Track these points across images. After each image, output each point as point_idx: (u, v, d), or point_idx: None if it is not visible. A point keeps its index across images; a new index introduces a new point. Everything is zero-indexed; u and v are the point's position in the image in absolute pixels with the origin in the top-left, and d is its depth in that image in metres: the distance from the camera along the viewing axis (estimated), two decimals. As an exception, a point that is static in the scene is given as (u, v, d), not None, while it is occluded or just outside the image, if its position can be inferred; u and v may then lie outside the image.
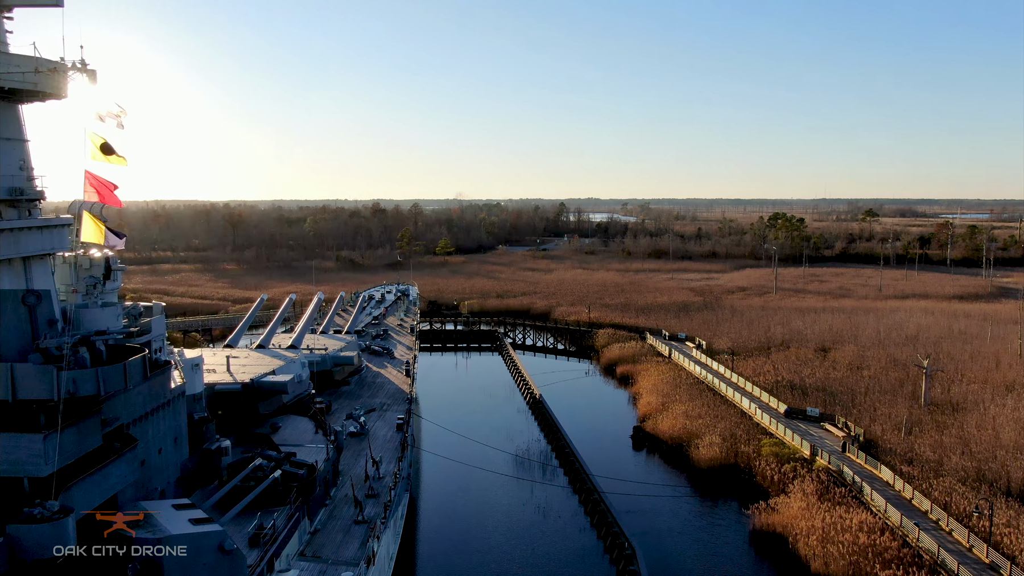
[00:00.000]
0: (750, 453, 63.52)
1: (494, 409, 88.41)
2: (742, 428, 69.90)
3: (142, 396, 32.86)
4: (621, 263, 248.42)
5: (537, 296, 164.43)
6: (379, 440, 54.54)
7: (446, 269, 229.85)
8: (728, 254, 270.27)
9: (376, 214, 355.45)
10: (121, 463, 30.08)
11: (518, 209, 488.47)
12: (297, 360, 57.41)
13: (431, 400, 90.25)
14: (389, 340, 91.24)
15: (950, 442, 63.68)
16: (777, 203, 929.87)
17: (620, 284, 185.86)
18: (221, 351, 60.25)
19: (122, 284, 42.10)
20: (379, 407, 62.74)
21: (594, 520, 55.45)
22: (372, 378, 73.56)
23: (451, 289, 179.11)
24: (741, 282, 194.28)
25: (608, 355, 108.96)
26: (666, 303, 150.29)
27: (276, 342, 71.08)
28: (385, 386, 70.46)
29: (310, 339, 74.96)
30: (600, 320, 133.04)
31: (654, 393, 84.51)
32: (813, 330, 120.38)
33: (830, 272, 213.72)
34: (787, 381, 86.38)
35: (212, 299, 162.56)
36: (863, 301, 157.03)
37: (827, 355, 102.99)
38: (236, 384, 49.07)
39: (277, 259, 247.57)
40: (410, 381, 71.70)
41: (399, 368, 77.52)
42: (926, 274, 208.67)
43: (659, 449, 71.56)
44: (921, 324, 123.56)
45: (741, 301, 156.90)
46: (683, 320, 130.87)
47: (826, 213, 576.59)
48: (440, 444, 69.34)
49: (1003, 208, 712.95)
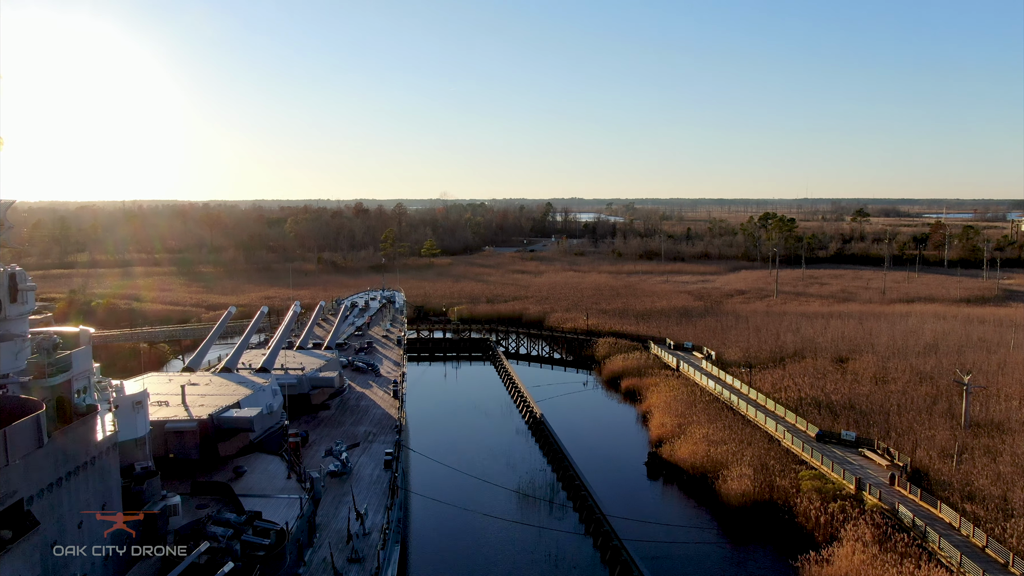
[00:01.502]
0: (787, 488, 55.93)
1: (491, 431, 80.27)
2: (772, 456, 62.34)
3: (50, 460, 24.72)
4: (612, 265, 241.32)
5: (529, 301, 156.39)
6: (364, 481, 46.43)
7: (432, 271, 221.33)
8: (721, 255, 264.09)
9: (359, 214, 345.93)
10: (13, 557, 22.03)
11: (503, 209, 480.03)
12: (268, 387, 49.10)
13: (421, 420, 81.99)
14: (374, 354, 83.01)
15: (1008, 472, 56.61)
16: (759, 203, 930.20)
17: (614, 287, 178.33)
18: (178, 376, 51.81)
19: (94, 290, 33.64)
20: (364, 437, 54.57)
21: (615, 572, 47.62)
22: (356, 400, 65.34)
23: (438, 294, 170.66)
24: (739, 285, 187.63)
25: (611, 367, 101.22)
26: (665, 308, 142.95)
27: (246, 360, 62.79)
28: (370, 411, 62.26)
29: (285, 356, 66.66)
30: (598, 327, 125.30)
31: (667, 412, 76.84)
32: (825, 338, 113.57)
33: (828, 274, 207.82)
34: (811, 398, 79.11)
35: (184, 305, 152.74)
36: (869, 305, 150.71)
37: (845, 366, 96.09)
38: (191, 421, 40.80)
39: (255, 262, 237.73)
40: (398, 404, 63.55)
41: (386, 388, 69.35)
42: (927, 276, 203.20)
43: (678, 479, 63.86)
44: (936, 331, 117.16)
45: (743, 306, 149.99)
46: (686, 327, 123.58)
47: (811, 213, 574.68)
48: (434, 482, 61.18)
49: (984, 207, 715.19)
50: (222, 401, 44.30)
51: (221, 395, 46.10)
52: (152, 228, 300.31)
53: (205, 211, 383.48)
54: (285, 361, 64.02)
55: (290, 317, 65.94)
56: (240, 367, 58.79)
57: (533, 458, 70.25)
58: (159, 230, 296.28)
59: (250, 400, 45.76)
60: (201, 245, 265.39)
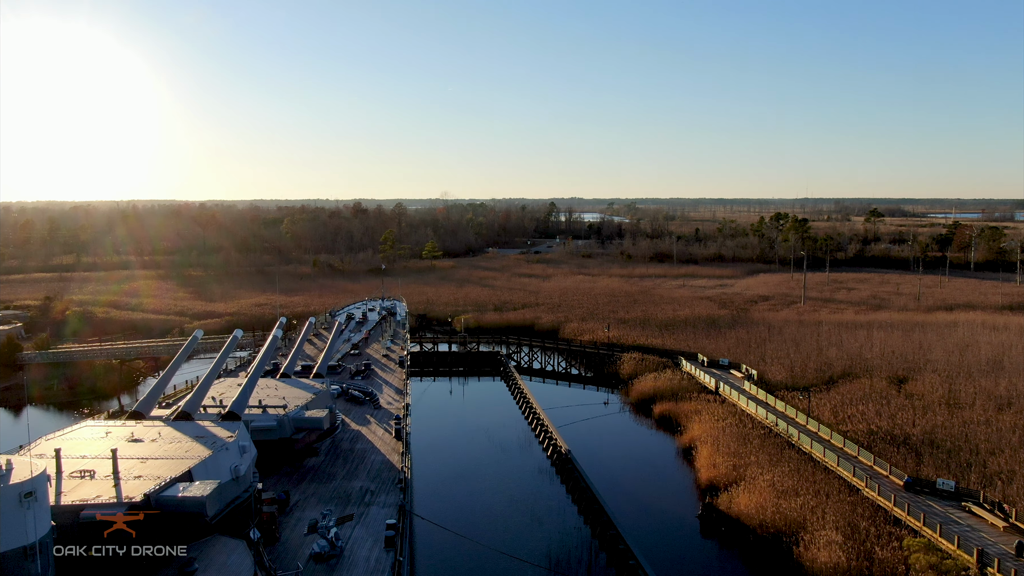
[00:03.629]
0: (891, 561, 44.70)
1: (510, 471, 68.60)
2: (860, 512, 51.12)
3: None
4: (622, 268, 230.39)
5: (541, 309, 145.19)
6: (359, 568, 35.31)
7: (434, 275, 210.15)
8: (735, 257, 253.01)
9: (357, 214, 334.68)
10: None
11: (506, 209, 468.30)
12: (234, 443, 37.78)
13: (428, 459, 70.68)
14: (373, 379, 71.78)
15: None
16: (760, 202, 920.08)
17: (630, 293, 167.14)
18: (120, 426, 40.57)
19: (67, 296, 22.69)
20: (359, 498, 43.37)
21: None
22: (350, 442, 54.07)
23: (442, 300, 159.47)
24: (760, 290, 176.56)
25: (640, 388, 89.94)
26: (689, 317, 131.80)
27: (217, 393, 51.66)
28: (368, 457, 50.98)
29: (265, 388, 55.45)
30: (620, 339, 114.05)
31: (716, 448, 65.60)
32: (872, 352, 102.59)
33: (852, 278, 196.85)
34: (883, 431, 67.95)
35: (167, 314, 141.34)
36: (905, 313, 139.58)
37: (904, 388, 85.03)
38: (118, 506, 29.60)
39: (248, 265, 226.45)
40: (402, 448, 52.29)
41: (386, 424, 58.12)
42: (957, 280, 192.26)
43: (742, 540, 52.59)
44: (994, 343, 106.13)
45: (771, 314, 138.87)
46: (715, 339, 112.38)
47: (814, 213, 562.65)
48: (447, 557, 50.03)
49: (987, 207, 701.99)
50: (167, 470, 33.12)
51: (169, 459, 34.91)
52: (145, 229, 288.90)
53: (201, 211, 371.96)
54: (264, 395, 52.84)
55: (269, 344, 54.55)
56: (208, 405, 47.61)
57: (563, 509, 59.01)
58: (152, 231, 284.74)
59: (207, 466, 34.52)
60: (192, 247, 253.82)
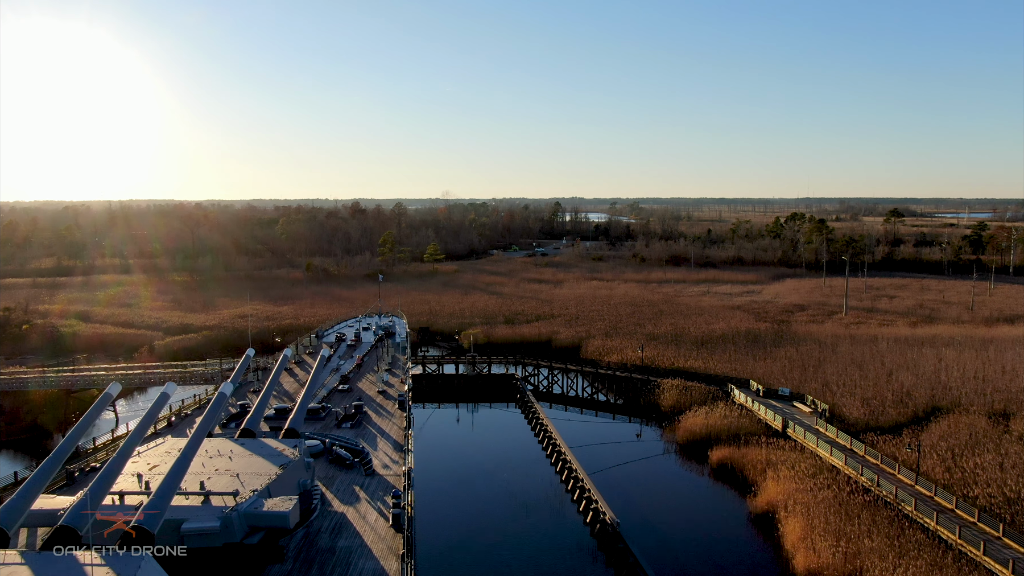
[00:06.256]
0: None
1: (542, 549, 53.69)
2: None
3: None
4: (637, 271, 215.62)
5: (558, 321, 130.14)
6: None
7: (436, 280, 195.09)
8: (755, 260, 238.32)
9: (356, 215, 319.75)
10: None
11: (509, 209, 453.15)
12: None
13: (436, 536, 55.76)
14: (365, 427, 56.75)
15: None
16: (762, 202, 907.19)
17: (652, 302, 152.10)
18: None
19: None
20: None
21: None
22: (330, 536, 38.85)
23: (446, 311, 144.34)
24: (792, 297, 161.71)
25: (689, 426, 74.73)
26: (725, 331, 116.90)
27: (143, 467, 37.02)
28: (354, 563, 35.97)
29: (211, 459, 40.49)
30: (654, 361, 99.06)
31: (809, 521, 50.60)
32: (950, 376, 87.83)
33: (889, 284, 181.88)
34: (1018, 494, 53.13)
35: (140, 327, 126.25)
36: (964, 327, 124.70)
37: (1009, 426, 70.28)
38: None
39: (239, 268, 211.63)
40: (403, 547, 37.30)
41: (382, 500, 43.00)
42: (1004, 286, 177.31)
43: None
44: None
45: (816, 327, 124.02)
46: (763, 360, 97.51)
47: (819, 213, 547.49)
48: None
49: (993, 206, 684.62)
50: None
51: None
52: (133, 230, 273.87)
53: (197, 210, 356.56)
54: (209, 470, 37.94)
55: (215, 401, 39.62)
56: (121, 492, 32.93)
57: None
58: (142, 232, 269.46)
59: None
60: (180, 250, 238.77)
